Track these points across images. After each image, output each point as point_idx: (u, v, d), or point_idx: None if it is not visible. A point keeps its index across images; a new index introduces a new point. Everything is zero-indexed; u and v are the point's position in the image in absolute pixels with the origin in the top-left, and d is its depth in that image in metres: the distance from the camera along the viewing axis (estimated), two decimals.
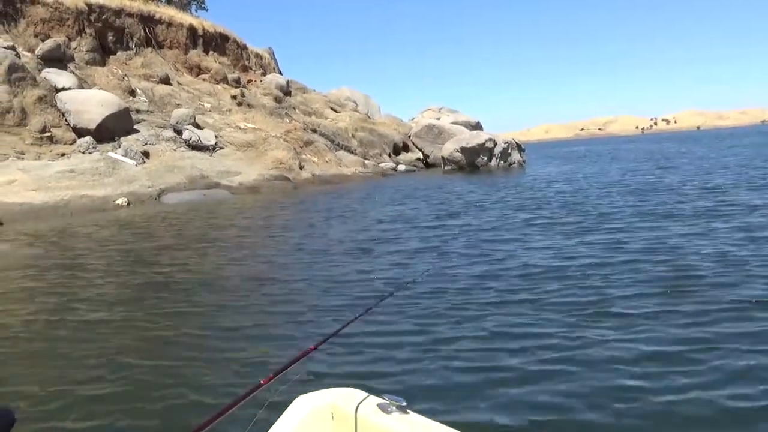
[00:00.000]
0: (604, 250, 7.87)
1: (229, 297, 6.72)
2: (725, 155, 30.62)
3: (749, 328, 4.64)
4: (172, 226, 13.87)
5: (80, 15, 27.45)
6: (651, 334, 4.63)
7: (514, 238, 9.41)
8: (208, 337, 5.30)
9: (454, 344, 4.71)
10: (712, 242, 7.90)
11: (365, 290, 6.61)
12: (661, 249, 7.68)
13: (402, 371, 4.22)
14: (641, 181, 17.96)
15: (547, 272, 6.87)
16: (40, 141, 20.94)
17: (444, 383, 3.99)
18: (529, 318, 5.24)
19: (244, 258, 9.26)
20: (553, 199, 15.07)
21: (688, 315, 5.04)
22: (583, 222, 10.63)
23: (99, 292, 7.35)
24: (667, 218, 10.23)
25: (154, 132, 24.43)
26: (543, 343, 4.56)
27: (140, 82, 28.05)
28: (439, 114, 44.79)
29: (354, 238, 10.55)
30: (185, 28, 33.42)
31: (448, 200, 16.42)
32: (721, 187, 14.57)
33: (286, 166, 25.61)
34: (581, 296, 5.79)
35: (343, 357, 4.52)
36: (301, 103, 36.68)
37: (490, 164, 30.22)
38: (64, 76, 23.59)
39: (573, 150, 65.14)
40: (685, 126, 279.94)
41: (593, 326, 4.92)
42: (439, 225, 11.65)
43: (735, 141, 53.14)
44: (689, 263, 6.82)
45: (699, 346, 4.33)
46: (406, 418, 2.11)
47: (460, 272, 7.21)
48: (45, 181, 18.43)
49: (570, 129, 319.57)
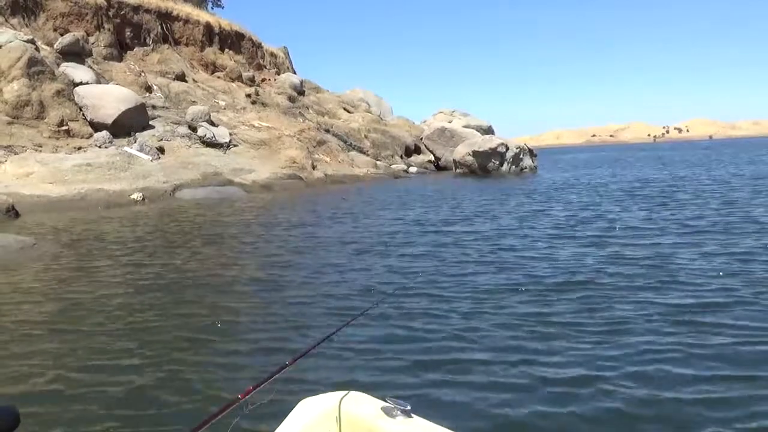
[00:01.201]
0: (620, 264, 7.91)
1: (227, 297, 6.78)
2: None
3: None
4: (187, 224, 14.00)
5: (99, 10, 27.70)
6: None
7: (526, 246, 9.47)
8: (196, 339, 5.29)
9: (449, 353, 4.74)
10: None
11: (356, 296, 6.61)
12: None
13: (390, 378, 4.26)
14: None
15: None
16: (57, 134, 21.16)
17: (438, 390, 4.04)
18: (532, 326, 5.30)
19: (251, 258, 9.35)
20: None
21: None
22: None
23: (107, 293, 7.46)
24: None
25: (170, 128, 24.62)
26: (549, 360, 4.56)
27: (156, 79, 28.27)
28: (451, 117, 44.72)
29: (359, 240, 10.64)
30: (202, 26, 33.66)
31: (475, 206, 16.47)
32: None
33: (299, 166, 25.74)
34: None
35: (327, 364, 4.49)
36: (314, 102, 36.84)
37: (502, 168, 30.25)
38: (82, 70, 23.82)
39: (586, 157, 64.78)
40: (698, 135, 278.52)
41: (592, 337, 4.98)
42: (449, 231, 11.71)
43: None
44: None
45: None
46: (410, 422, 2.11)
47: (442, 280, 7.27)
48: (62, 174, 18.63)
49: (581, 135, 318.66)
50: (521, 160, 31.12)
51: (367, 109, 40.10)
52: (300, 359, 2.38)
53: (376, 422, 2.13)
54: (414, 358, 4.59)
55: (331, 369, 4.39)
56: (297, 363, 2.35)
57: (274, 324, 5.65)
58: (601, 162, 46.08)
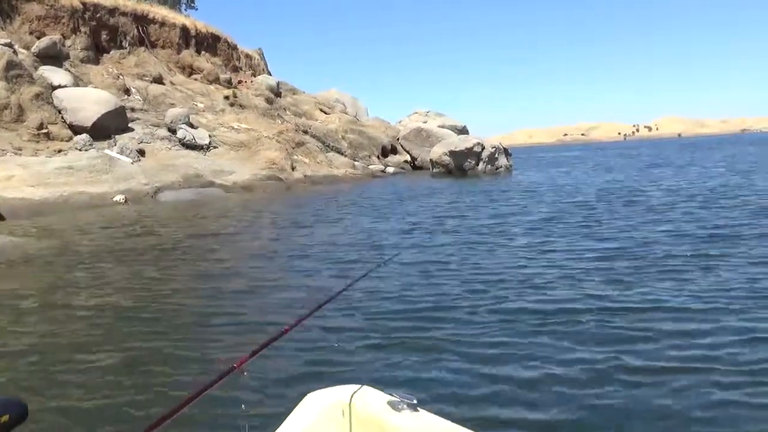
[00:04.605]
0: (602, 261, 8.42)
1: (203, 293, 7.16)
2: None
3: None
4: (169, 224, 14.27)
5: (75, 13, 27.67)
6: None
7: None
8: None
9: (452, 344, 5.05)
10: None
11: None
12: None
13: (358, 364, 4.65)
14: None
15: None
16: (37, 137, 21.20)
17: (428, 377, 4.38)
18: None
19: (229, 255, 9.71)
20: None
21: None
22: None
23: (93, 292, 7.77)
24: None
25: (149, 130, 24.74)
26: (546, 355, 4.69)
27: (134, 81, 28.31)
28: (426, 117, 45.21)
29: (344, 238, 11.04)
30: (178, 28, 33.72)
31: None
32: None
33: (279, 167, 26.02)
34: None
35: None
36: (291, 104, 37.09)
37: (478, 168, 30.81)
38: (60, 73, 23.84)
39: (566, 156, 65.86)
40: (667, 133, 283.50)
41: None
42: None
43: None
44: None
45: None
46: (416, 416, 2.12)
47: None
48: (44, 177, 18.72)
49: (553, 134, 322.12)
50: (497, 160, 31.72)
51: (344, 110, 40.44)
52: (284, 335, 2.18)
53: (382, 416, 2.14)
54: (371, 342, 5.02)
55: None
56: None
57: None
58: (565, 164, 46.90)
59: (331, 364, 4.58)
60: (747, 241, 8.59)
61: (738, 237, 8.99)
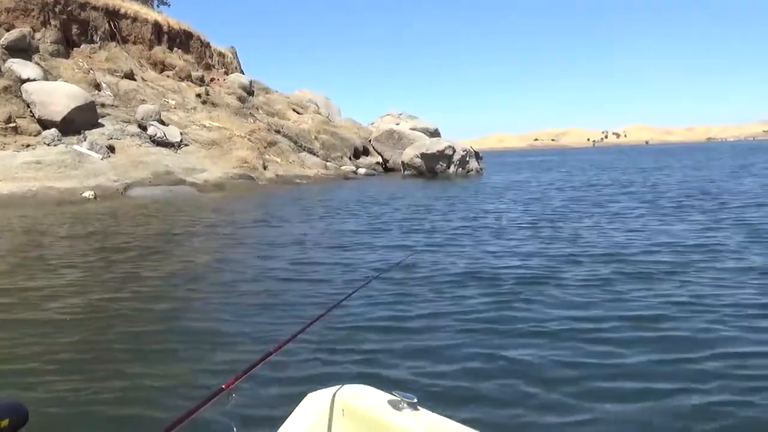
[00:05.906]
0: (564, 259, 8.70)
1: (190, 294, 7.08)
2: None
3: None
4: (140, 220, 14.24)
5: (45, 6, 27.31)
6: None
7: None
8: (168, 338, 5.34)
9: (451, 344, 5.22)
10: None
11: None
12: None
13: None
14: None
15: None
16: (4, 131, 20.91)
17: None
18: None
19: (203, 255, 9.79)
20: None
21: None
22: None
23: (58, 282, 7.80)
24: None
25: (119, 126, 24.54)
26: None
27: (105, 77, 28.03)
28: (399, 119, 45.50)
29: (325, 236, 11.20)
30: (150, 24, 33.47)
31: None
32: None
33: (251, 166, 26.03)
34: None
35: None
36: (263, 103, 37.05)
37: (449, 171, 31.18)
38: (29, 67, 23.53)
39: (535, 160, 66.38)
40: (635, 140, 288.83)
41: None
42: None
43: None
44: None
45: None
46: (417, 415, 2.12)
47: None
48: (11, 171, 18.51)
49: (524, 139, 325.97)
50: (467, 163, 32.13)
51: (317, 111, 40.51)
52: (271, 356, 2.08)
53: (382, 415, 2.14)
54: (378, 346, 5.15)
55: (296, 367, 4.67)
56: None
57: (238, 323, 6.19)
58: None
59: (320, 380, 4.07)
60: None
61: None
